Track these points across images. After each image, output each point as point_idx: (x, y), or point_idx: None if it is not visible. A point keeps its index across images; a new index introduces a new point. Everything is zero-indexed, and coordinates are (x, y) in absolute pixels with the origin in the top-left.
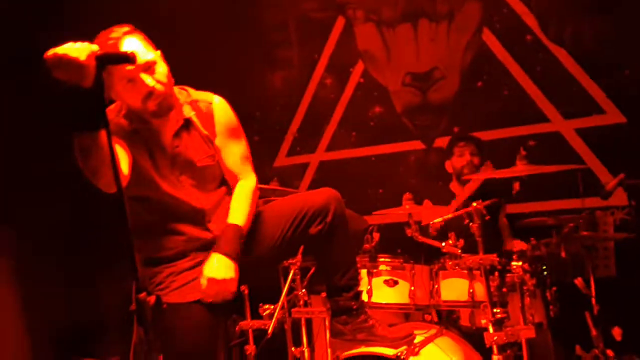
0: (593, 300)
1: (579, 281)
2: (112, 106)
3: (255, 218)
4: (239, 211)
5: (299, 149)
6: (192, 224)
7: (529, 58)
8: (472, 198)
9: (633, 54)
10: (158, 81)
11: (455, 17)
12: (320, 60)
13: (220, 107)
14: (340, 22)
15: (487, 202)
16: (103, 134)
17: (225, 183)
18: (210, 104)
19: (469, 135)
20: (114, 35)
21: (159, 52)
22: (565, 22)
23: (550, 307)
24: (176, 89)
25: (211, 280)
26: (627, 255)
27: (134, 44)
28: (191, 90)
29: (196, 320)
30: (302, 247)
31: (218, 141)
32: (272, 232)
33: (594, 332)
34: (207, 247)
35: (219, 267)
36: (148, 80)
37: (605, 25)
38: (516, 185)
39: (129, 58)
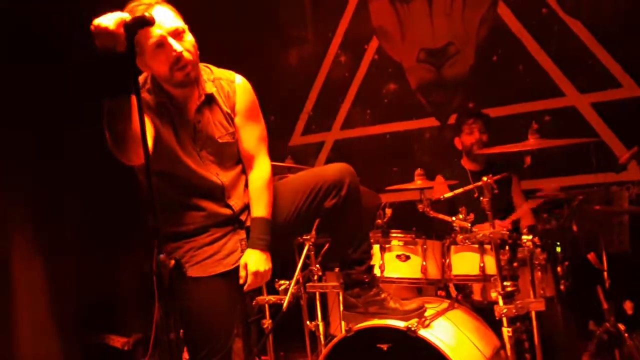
0: (605, 275)
1: (591, 256)
2: (139, 78)
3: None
4: (262, 202)
5: (314, 127)
6: (212, 199)
7: (545, 32)
8: (484, 172)
9: None
10: (186, 49)
11: None
12: (334, 38)
13: (242, 87)
14: None
15: (498, 177)
16: (133, 101)
17: (241, 161)
18: (233, 82)
19: (476, 112)
20: (144, 2)
21: (186, 26)
22: None
23: (562, 281)
24: (200, 66)
25: (255, 274)
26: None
27: (162, 11)
28: (214, 68)
29: (216, 293)
30: (316, 223)
31: (237, 120)
32: (287, 207)
33: (605, 305)
34: (227, 222)
35: (259, 262)
36: (176, 45)
37: None
38: (528, 160)
39: (148, 20)
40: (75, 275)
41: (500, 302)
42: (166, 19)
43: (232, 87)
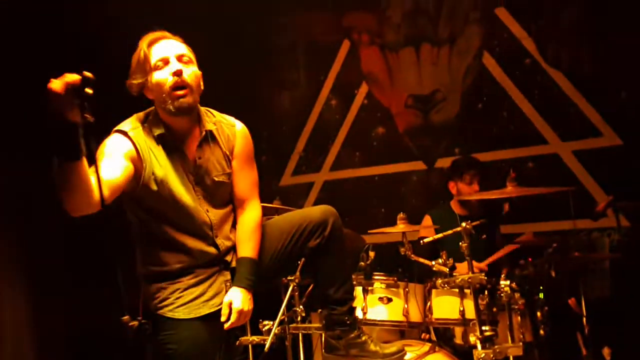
0: (584, 320)
1: (572, 301)
2: (142, 113)
3: None
4: (251, 243)
5: (304, 168)
6: (199, 237)
7: (528, 81)
8: (470, 218)
9: (629, 77)
10: (189, 75)
11: (457, 41)
12: (326, 82)
13: (242, 133)
14: (345, 45)
15: (476, 223)
16: (83, 163)
17: (230, 203)
18: (234, 126)
19: (479, 163)
20: (153, 35)
21: (194, 58)
22: (563, 47)
23: (542, 326)
24: (202, 109)
25: (240, 312)
26: (621, 276)
27: (172, 42)
28: (215, 112)
29: (200, 335)
30: (301, 264)
31: (234, 164)
32: (273, 246)
33: (584, 352)
34: (212, 263)
35: (244, 301)
36: (178, 64)
37: (602, 49)
38: (506, 206)
39: (86, 78)
40: (61, 314)
41: (479, 346)
42: (174, 46)
43: (233, 131)
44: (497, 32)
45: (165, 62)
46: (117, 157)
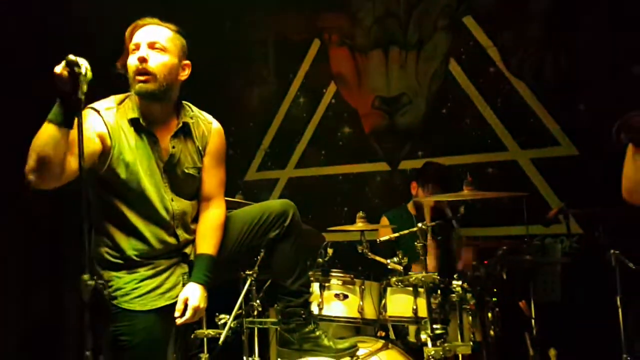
0: (533, 322)
1: (522, 303)
2: (121, 95)
3: None
4: (212, 241)
5: (269, 164)
6: (159, 226)
7: (491, 89)
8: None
9: (588, 89)
10: (156, 62)
11: (424, 47)
12: (295, 80)
13: (217, 131)
14: (315, 45)
15: (432, 224)
16: (71, 136)
17: (195, 197)
18: (210, 124)
19: (448, 180)
20: (141, 21)
21: (188, 62)
22: (526, 58)
23: (492, 327)
24: (183, 103)
25: (195, 309)
26: (571, 280)
27: (154, 28)
28: (194, 107)
29: (153, 327)
30: (260, 258)
31: (205, 160)
32: (233, 237)
33: (531, 352)
34: (170, 254)
35: (201, 297)
36: (144, 52)
37: (563, 61)
38: (461, 209)
39: (68, 60)
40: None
41: (429, 343)
42: (153, 33)
43: (209, 127)
44: (463, 40)
45: (137, 47)
46: (88, 138)
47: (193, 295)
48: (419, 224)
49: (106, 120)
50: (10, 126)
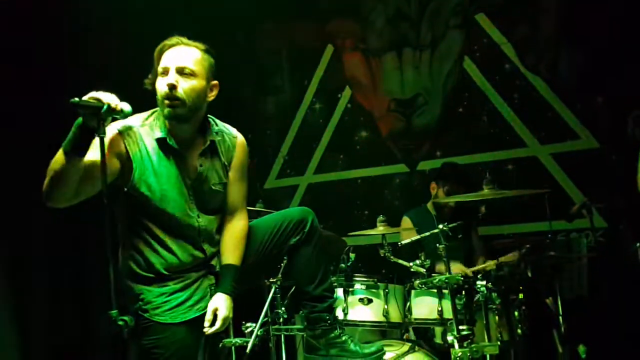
0: (560, 319)
1: (549, 300)
2: (147, 113)
3: None
4: (238, 251)
5: (288, 171)
6: (186, 241)
7: (507, 86)
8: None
9: (605, 82)
10: (185, 88)
11: (438, 47)
12: (310, 86)
13: (241, 145)
14: (329, 51)
15: (453, 225)
16: (80, 166)
17: (220, 211)
18: (235, 138)
19: (467, 180)
20: (169, 42)
21: (216, 82)
22: (541, 52)
23: (519, 325)
24: (208, 117)
25: (225, 319)
26: (598, 275)
27: (182, 50)
28: (217, 121)
29: (184, 339)
30: (283, 266)
31: (230, 174)
32: (255, 245)
33: (560, 349)
34: (199, 267)
35: (229, 307)
36: (172, 78)
37: (579, 54)
38: (482, 209)
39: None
40: (45, 322)
41: (456, 345)
42: (181, 56)
43: (234, 142)
44: (477, 37)
45: (166, 72)
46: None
47: (222, 305)
48: (440, 225)
49: (126, 141)
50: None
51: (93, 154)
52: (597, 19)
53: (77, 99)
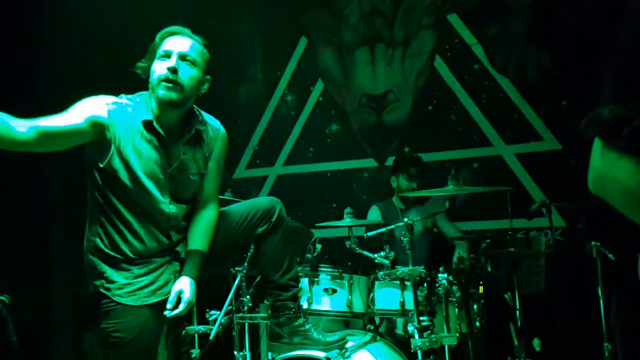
0: (517, 313)
1: (508, 295)
2: (135, 95)
3: None
4: (206, 239)
5: (258, 161)
6: (154, 226)
7: (476, 86)
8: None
9: (570, 85)
10: (184, 74)
11: (410, 44)
12: (282, 77)
13: (223, 137)
14: (302, 42)
15: (419, 219)
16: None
17: (191, 200)
18: (218, 131)
19: (421, 161)
20: (171, 30)
21: (209, 77)
22: (510, 54)
23: (478, 318)
24: (193, 107)
25: (189, 302)
26: (555, 272)
27: (186, 40)
28: (203, 112)
29: (145, 323)
30: (249, 255)
31: (209, 165)
32: (222, 233)
33: (516, 342)
34: (164, 253)
35: (193, 291)
36: (175, 62)
37: (545, 58)
38: (447, 204)
39: None
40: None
41: (416, 335)
42: (184, 44)
43: (216, 134)
44: (448, 37)
45: (168, 55)
46: (77, 118)
47: (186, 288)
48: (405, 219)
49: (110, 117)
50: None
51: (67, 119)
52: (565, 22)
53: None
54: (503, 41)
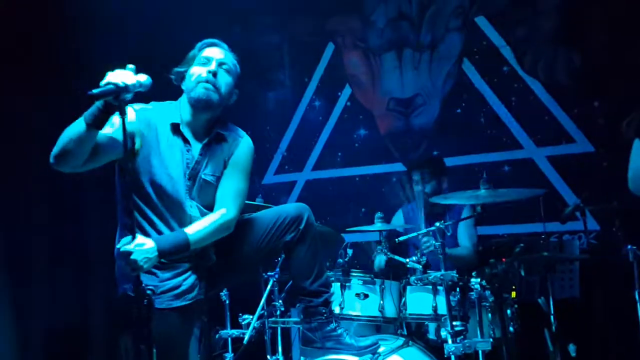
0: (552, 318)
1: (542, 300)
2: (164, 102)
3: (238, 227)
4: (199, 227)
5: (287, 167)
6: (178, 226)
7: (505, 88)
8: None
9: (601, 87)
10: (223, 80)
11: (437, 48)
12: (310, 83)
13: (245, 143)
14: (330, 48)
15: (449, 223)
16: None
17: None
18: (241, 138)
19: (431, 164)
20: (208, 41)
21: (237, 90)
22: (539, 55)
23: (511, 323)
24: (221, 118)
25: (133, 262)
26: (590, 276)
27: (223, 52)
28: (230, 124)
29: (171, 326)
30: (281, 260)
31: (226, 169)
32: (251, 239)
33: (550, 347)
34: (189, 257)
35: (149, 260)
36: (215, 67)
37: (576, 59)
38: (479, 208)
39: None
40: (42, 303)
41: (449, 340)
42: (223, 54)
43: (238, 140)
44: (476, 40)
45: (208, 61)
46: (110, 128)
47: (145, 246)
48: (437, 223)
49: (139, 116)
50: None
51: (108, 130)
52: (596, 22)
53: (94, 90)
54: (532, 42)
